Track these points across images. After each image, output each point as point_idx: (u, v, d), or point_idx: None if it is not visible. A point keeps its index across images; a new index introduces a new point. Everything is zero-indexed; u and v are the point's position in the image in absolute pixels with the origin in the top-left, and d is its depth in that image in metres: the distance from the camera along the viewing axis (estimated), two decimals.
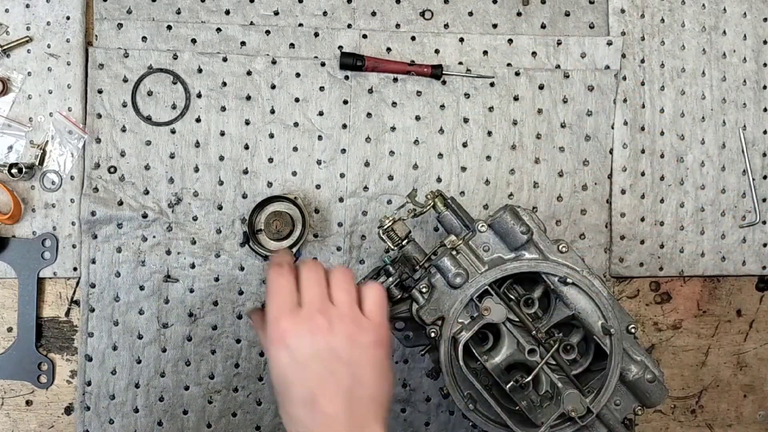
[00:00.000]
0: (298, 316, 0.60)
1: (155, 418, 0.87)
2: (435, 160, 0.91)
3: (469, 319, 0.73)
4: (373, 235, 0.89)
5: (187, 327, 0.88)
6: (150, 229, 0.87)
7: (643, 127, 0.94)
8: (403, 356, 0.90)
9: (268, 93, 0.89)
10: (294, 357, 0.59)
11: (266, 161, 0.88)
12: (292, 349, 0.59)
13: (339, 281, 0.63)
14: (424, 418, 0.91)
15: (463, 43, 0.91)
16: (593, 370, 0.77)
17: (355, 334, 0.60)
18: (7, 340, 0.86)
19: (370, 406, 0.60)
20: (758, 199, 0.96)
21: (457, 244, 0.74)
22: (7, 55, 0.86)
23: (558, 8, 0.93)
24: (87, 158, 0.86)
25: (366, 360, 0.60)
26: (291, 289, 0.62)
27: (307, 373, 0.59)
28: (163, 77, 0.87)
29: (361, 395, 0.60)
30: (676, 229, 0.95)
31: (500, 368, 0.74)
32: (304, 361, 0.59)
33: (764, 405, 0.98)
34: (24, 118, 0.86)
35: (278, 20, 0.89)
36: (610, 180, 0.93)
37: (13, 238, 0.86)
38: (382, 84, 0.90)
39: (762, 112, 0.97)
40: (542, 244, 0.75)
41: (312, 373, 0.59)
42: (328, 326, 0.60)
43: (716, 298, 0.97)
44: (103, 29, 0.87)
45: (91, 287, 0.86)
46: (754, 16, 0.97)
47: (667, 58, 0.95)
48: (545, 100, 0.92)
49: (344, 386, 0.59)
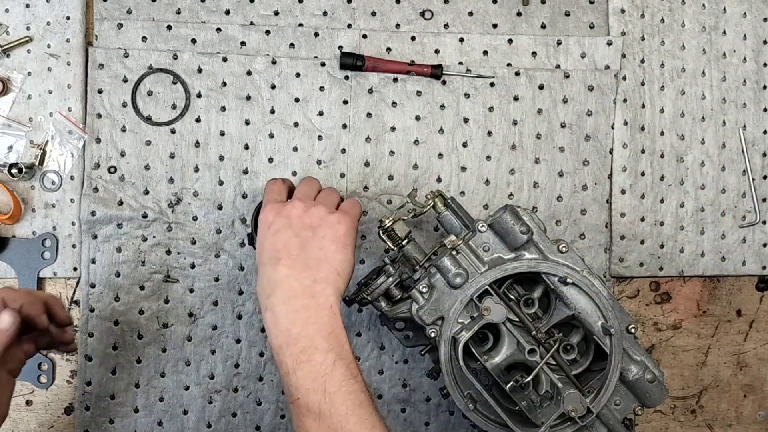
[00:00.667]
0: (284, 204, 0.73)
1: (155, 418, 0.87)
2: (435, 160, 0.91)
3: (469, 319, 0.73)
4: (373, 235, 0.89)
5: (187, 327, 0.88)
6: (150, 229, 0.87)
7: (643, 127, 0.94)
8: (403, 356, 0.90)
9: (268, 93, 0.89)
10: (271, 227, 0.71)
11: (266, 161, 0.88)
12: (271, 222, 0.71)
13: (326, 191, 0.76)
14: (424, 418, 0.91)
15: (463, 43, 0.91)
16: (593, 370, 0.77)
17: (326, 216, 0.72)
18: None
19: (323, 264, 0.69)
20: (758, 199, 0.96)
21: (457, 244, 0.74)
22: (7, 55, 0.86)
23: (558, 8, 0.93)
24: (87, 158, 0.86)
25: (330, 232, 0.71)
26: (281, 189, 0.76)
27: (278, 237, 0.70)
28: (163, 77, 0.87)
29: (317, 255, 0.70)
30: (676, 229, 0.95)
31: (500, 368, 0.74)
32: (278, 230, 0.71)
33: (764, 405, 0.98)
34: (24, 118, 0.86)
35: (278, 20, 0.89)
36: (610, 180, 0.93)
37: (13, 238, 0.86)
38: (382, 84, 0.90)
39: (762, 112, 0.97)
40: (542, 244, 0.75)
41: (281, 238, 0.70)
42: (304, 208, 0.72)
43: (716, 298, 0.97)
44: (103, 29, 0.87)
45: (91, 287, 0.86)
46: (754, 16, 0.97)
47: (667, 58, 0.95)
48: (545, 100, 0.92)
49: (303, 245, 0.70)
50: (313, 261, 0.69)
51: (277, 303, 0.67)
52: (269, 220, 0.72)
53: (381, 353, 0.90)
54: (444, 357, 0.72)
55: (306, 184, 0.77)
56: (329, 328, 0.67)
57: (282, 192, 0.76)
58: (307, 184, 0.77)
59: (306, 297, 0.68)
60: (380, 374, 0.90)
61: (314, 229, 0.71)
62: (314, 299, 0.68)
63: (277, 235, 0.70)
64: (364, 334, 0.90)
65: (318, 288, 0.68)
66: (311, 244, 0.70)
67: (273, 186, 0.77)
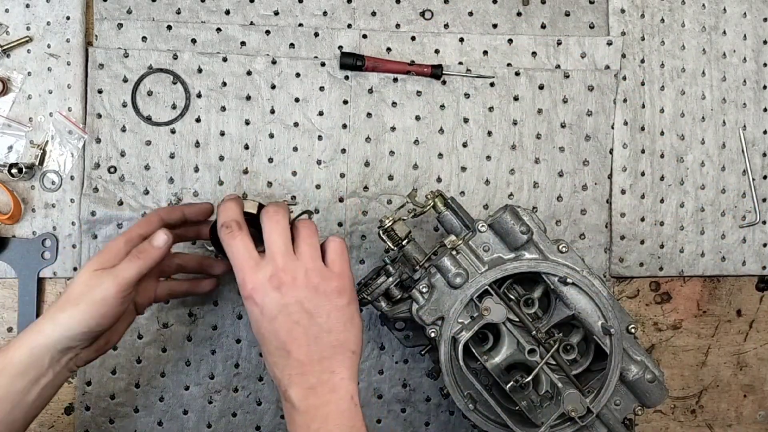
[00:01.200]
0: (263, 274, 0.64)
1: (155, 418, 0.87)
2: (435, 160, 0.91)
3: (469, 319, 0.73)
4: (373, 235, 0.89)
5: (187, 327, 0.88)
6: None
7: (643, 127, 0.94)
8: (403, 356, 0.90)
9: (268, 93, 0.89)
10: (264, 312, 0.63)
11: (266, 161, 0.88)
12: (261, 306, 0.63)
13: (303, 235, 0.67)
14: (424, 418, 0.91)
15: (463, 43, 0.91)
16: (593, 370, 0.77)
17: (319, 285, 0.64)
18: (7, 340, 0.86)
19: (338, 350, 0.64)
20: (758, 199, 0.96)
21: (457, 244, 0.74)
22: (7, 55, 0.86)
23: (558, 8, 0.93)
24: (87, 158, 0.87)
25: (330, 309, 0.65)
26: (248, 247, 0.65)
27: (277, 325, 0.63)
28: (163, 77, 0.87)
29: (329, 341, 0.64)
30: (676, 229, 0.95)
31: (500, 368, 0.74)
32: (273, 316, 0.63)
33: (764, 405, 0.98)
34: (24, 118, 0.86)
35: (278, 20, 0.89)
36: (610, 180, 0.93)
37: (13, 238, 0.86)
38: (382, 84, 0.90)
39: (762, 112, 0.97)
40: (542, 244, 0.75)
41: (281, 326, 0.63)
42: (292, 280, 0.63)
43: (716, 298, 0.97)
44: (103, 29, 0.87)
45: None
46: (754, 16, 0.97)
47: (667, 58, 0.95)
48: (545, 100, 0.92)
49: (312, 334, 0.64)
50: (327, 350, 0.64)
51: (295, 396, 0.64)
52: (258, 302, 0.63)
53: (381, 353, 0.90)
54: (444, 357, 0.72)
55: (276, 232, 0.65)
56: (350, 422, 0.64)
57: (250, 249, 0.65)
58: (278, 232, 0.65)
59: (325, 392, 0.64)
60: (380, 374, 0.90)
61: (316, 309, 0.64)
62: (334, 393, 0.64)
63: (274, 323, 0.63)
64: (364, 334, 0.90)
65: (337, 380, 0.64)
66: (319, 330, 0.64)
67: (235, 245, 0.65)
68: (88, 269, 0.66)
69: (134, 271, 0.66)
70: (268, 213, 0.67)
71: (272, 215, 0.66)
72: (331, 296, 0.65)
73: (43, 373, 0.65)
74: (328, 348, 0.64)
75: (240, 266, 0.64)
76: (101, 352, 0.71)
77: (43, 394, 0.66)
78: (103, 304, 0.64)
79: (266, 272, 0.64)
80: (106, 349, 0.71)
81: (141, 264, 0.66)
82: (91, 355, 0.69)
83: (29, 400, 0.65)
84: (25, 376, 0.64)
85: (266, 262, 0.64)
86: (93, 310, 0.64)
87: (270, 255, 0.65)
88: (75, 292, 0.65)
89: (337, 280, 0.65)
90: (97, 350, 0.70)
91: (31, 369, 0.64)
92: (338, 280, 0.66)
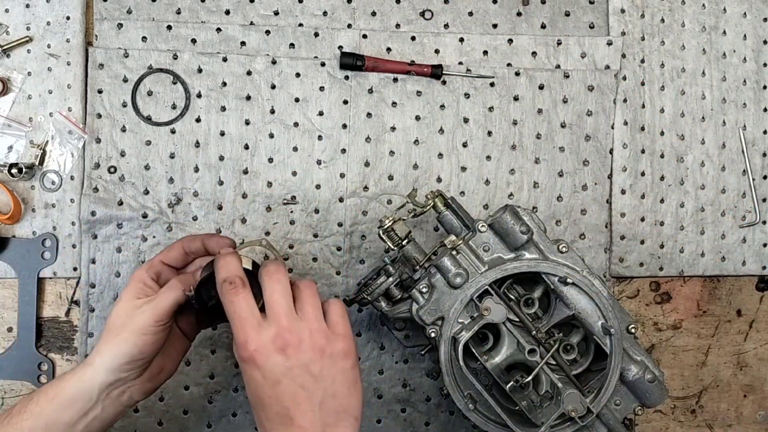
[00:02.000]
0: (266, 335, 0.60)
1: (155, 418, 0.87)
2: (435, 160, 0.91)
3: (469, 319, 0.73)
4: (373, 235, 0.89)
5: None
6: (150, 229, 0.87)
7: (643, 127, 0.94)
8: (403, 356, 0.90)
9: (268, 93, 0.89)
10: (266, 376, 0.59)
11: (266, 161, 0.88)
12: (263, 369, 0.59)
13: (305, 295, 0.63)
14: (424, 418, 0.91)
15: (463, 43, 0.91)
16: (593, 370, 0.77)
17: (325, 347, 0.61)
18: (7, 340, 0.86)
19: (342, 417, 0.61)
20: (758, 199, 0.96)
21: (457, 244, 0.74)
22: (7, 55, 0.86)
23: (558, 8, 0.93)
24: (87, 158, 0.87)
25: (335, 372, 0.61)
26: (250, 305, 0.61)
27: (280, 390, 0.59)
28: (163, 77, 0.87)
29: (334, 407, 0.61)
30: (676, 229, 0.95)
31: (500, 368, 0.74)
32: (276, 380, 0.59)
33: (764, 405, 0.98)
34: (24, 118, 0.86)
35: (278, 20, 0.89)
36: (610, 180, 0.93)
37: (13, 238, 0.86)
38: (382, 84, 0.90)
39: (762, 112, 0.97)
40: (542, 244, 0.75)
41: (285, 390, 0.59)
42: (297, 342, 0.60)
43: (716, 298, 0.97)
44: (103, 29, 0.87)
45: (91, 287, 0.86)
46: (754, 16, 0.97)
47: (667, 58, 0.95)
48: (545, 100, 0.92)
49: (316, 400, 0.60)
50: (332, 417, 0.61)
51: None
52: (260, 365, 0.59)
53: (381, 353, 0.90)
54: (444, 357, 0.72)
55: (278, 291, 0.62)
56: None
57: (253, 308, 0.61)
58: (281, 292, 0.62)
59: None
60: (380, 374, 0.90)
61: (321, 373, 0.61)
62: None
63: (277, 388, 0.59)
64: (364, 334, 0.90)
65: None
66: (324, 395, 0.61)
67: (237, 303, 0.61)
68: (126, 300, 0.66)
69: (171, 300, 0.66)
70: (269, 271, 0.63)
71: (273, 273, 0.63)
72: (337, 359, 0.62)
73: (92, 406, 0.65)
74: (333, 414, 0.61)
75: (241, 325, 0.60)
76: (158, 382, 0.70)
77: (91, 427, 0.65)
78: (142, 332, 0.65)
79: (270, 333, 0.60)
80: (162, 379, 0.70)
81: (178, 294, 0.66)
82: (146, 386, 0.68)
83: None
84: (74, 407, 0.64)
85: (269, 323, 0.61)
86: (133, 339, 0.64)
87: (273, 315, 0.61)
88: (116, 324, 0.66)
89: (342, 342, 0.62)
90: (151, 379, 0.69)
91: (79, 401, 0.64)
92: (343, 341, 0.62)
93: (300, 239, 0.89)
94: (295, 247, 0.89)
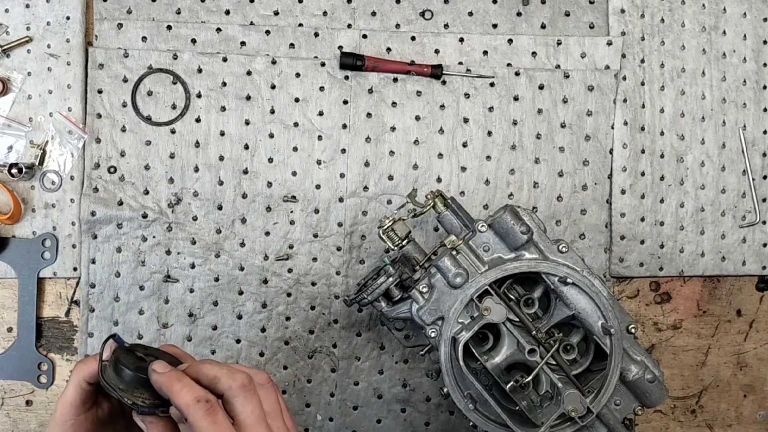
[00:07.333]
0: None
1: None
2: (435, 160, 0.91)
3: (469, 319, 0.73)
4: (373, 235, 0.89)
5: (187, 327, 0.88)
6: (150, 229, 0.87)
7: (643, 127, 0.94)
8: (403, 356, 0.90)
9: (268, 93, 0.89)
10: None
11: (266, 161, 0.88)
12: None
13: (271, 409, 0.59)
14: (424, 418, 0.91)
15: (463, 43, 0.91)
16: (593, 370, 0.77)
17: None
18: (7, 340, 0.86)
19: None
20: (758, 199, 0.96)
21: (457, 244, 0.74)
22: (7, 55, 0.86)
23: (558, 8, 0.93)
24: (87, 158, 0.87)
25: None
26: (230, 424, 0.56)
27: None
28: (163, 77, 0.87)
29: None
30: (676, 229, 0.95)
31: (500, 368, 0.74)
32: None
33: (764, 405, 0.98)
34: (24, 118, 0.86)
35: (278, 20, 0.89)
36: (610, 180, 0.93)
37: (13, 238, 0.86)
38: (382, 84, 0.90)
39: (762, 112, 0.97)
40: (542, 244, 0.75)
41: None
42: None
43: (716, 298, 0.97)
44: (103, 29, 0.87)
45: (91, 287, 0.86)
46: (754, 16, 0.97)
47: (667, 58, 0.95)
48: (545, 100, 0.92)
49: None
50: None
51: None
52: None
53: (381, 353, 0.90)
54: (444, 357, 0.72)
55: (250, 403, 0.57)
56: None
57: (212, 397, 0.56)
58: (251, 402, 0.57)
59: None
60: (380, 374, 0.90)
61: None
62: None
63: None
64: (364, 334, 0.90)
65: None
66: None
67: (193, 386, 0.55)
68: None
69: (71, 388, 0.59)
70: (245, 389, 0.57)
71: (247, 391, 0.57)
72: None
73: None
74: None
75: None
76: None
77: None
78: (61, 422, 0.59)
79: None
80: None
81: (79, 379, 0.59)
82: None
83: None
84: None
85: None
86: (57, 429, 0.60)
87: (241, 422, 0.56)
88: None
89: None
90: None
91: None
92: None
93: (300, 239, 0.89)
94: (295, 247, 0.89)
